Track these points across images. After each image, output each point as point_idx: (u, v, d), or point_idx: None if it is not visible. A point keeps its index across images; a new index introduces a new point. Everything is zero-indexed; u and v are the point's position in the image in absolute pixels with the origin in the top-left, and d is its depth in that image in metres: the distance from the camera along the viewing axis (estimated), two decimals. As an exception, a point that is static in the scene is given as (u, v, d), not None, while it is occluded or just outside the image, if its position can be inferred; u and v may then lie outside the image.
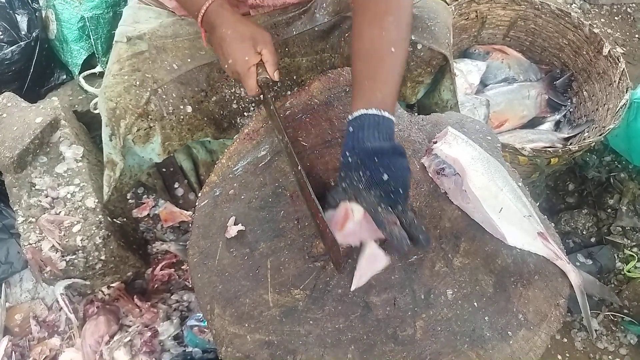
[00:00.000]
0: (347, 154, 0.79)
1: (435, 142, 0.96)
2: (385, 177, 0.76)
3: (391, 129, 0.81)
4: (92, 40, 1.65)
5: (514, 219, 0.90)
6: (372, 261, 0.82)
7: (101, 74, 1.68)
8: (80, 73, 1.67)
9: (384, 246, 0.83)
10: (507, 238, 0.88)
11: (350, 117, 0.82)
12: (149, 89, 1.07)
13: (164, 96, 1.08)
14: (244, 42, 0.93)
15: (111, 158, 1.20)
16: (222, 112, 1.18)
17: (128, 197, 1.50)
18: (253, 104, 1.20)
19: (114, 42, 1.13)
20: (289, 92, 1.20)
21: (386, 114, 0.81)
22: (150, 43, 1.09)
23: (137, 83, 1.07)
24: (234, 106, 1.19)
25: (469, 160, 0.92)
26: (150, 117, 1.10)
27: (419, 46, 1.14)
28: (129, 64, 1.08)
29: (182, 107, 1.11)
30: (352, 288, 0.84)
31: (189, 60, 1.10)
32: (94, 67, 1.70)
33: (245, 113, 1.21)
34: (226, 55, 0.94)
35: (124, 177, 1.25)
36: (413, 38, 1.12)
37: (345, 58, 1.19)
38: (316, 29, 1.16)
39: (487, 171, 0.92)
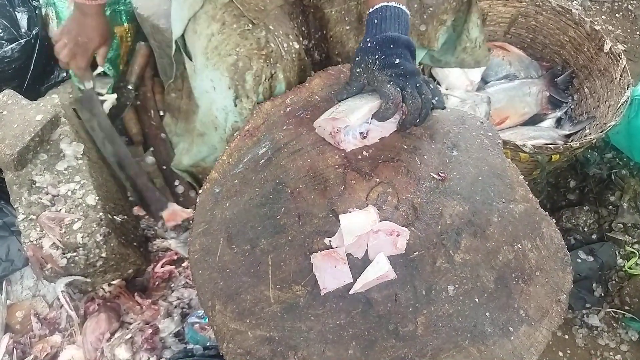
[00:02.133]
0: (368, 39, 0.90)
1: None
2: (397, 61, 0.88)
3: (408, 22, 0.91)
4: None
5: None
6: (379, 273, 0.83)
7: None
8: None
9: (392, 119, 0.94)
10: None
11: (371, 9, 0.91)
12: (263, 27, 1.04)
13: (276, 33, 1.06)
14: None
15: (237, 127, 1.11)
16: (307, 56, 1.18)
17: (128, 195, 1.50)
18: (307, 54, 1.18)
19: (188, 21, 1.10)
20: (322, 45, 1.22)
21: (404, 8, 0.90)
22: None
23: (250, 26, 1.04)
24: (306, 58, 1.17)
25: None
26: (271, 60, 1.05)
27: None
28: (228, 15, 1.04)
29: (291, 43, 1.09)
30: (351, 292, 0.84)
31: (268, 0, 1.09)
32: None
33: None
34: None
35: (210, 160, 1.25)
36: None
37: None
38: None
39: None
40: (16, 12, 1.61)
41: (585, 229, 1.66)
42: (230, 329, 0.85)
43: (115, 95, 1.67)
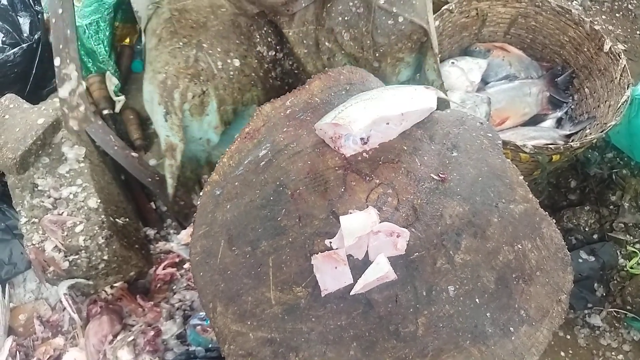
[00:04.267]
0: None
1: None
2: None
3: None
4: (93, 45, 1.65)
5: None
6: (379, 274, 0.83)
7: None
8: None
9: None
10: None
11: None
12: (194, 46, 1.06)
13: (210, 51, 1.08)
14: None
15: (169, 142, 1.15)
16: (261, 70, 1.18)
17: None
18: (271, 64, 1.20)
19: (143, 30, 1.12)
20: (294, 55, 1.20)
21: None
22: (170, 7, 1.09)
23: (181, 44, 1.06)
24: (265, 66, 1.19)
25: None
26: (201, 77, 1.08)
27: (400, 19, 1.14)
28: (165, 32, 1.07)
29: (229, 61, 1.11)
30: (352, 293, 0.84)
31: (212, 16, 1.10)
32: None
33: (269, 74, 1.20)
34: None
35: (185, 170, 1.22)
36: (394, 10, 1.13)
37: (326, 31, 1.18)
38: None
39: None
40: (18, 17, 1.62)
41: (587, 229, 1.66)
42: (231, 331, 0.85)
43: (123, 97, 1.68)
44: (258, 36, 1.16)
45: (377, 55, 1.17)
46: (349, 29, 1.17)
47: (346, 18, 1.16)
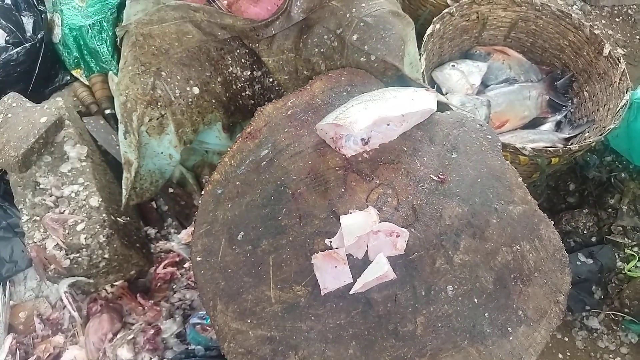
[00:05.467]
0: None
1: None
2: None
3: None
4: (96, 45, 1.66)
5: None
6: (379, 273, 0.84)
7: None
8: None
9: None
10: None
11: None
12: (152, 74, 1.09)
13: (169, 79, 1.10)
14: None
15: (127, 157, 1.19)
16: (227, 94, 1.20)
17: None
18: (248, 83, 1.22)
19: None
20: (271, 95, 1.23)
21: None
22: (136, 32, 1.12)
23: (140, 71, 1.09)
24: (234, 87, 1.20)
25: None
26: (159, 103, 1.10)
27: (373, 57, 1.13)
28: (130, 55, 1.11)
29: (188, 89, 1.13)
30: (352, 292, 0.85)
31: (176, 43, 1.12)
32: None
33: (243, 93, 1.22)
34: None
35: (144, 182, 1.24)
36: (366, 48, 1.13)
37: (304, 60, 1.19)
38: (290, 28, 1.17)
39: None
40: (22, 17, 1.63)
41: (585, 232, 1.66)
42: (231, 329, 0.85)
43: None
44: (230, 58, 1.18)
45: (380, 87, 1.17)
46: (325, 60, 1.18)
47: (322, 50, 1.17)
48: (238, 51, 1.19)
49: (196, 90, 1.14)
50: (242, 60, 1.20)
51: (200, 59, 1.14)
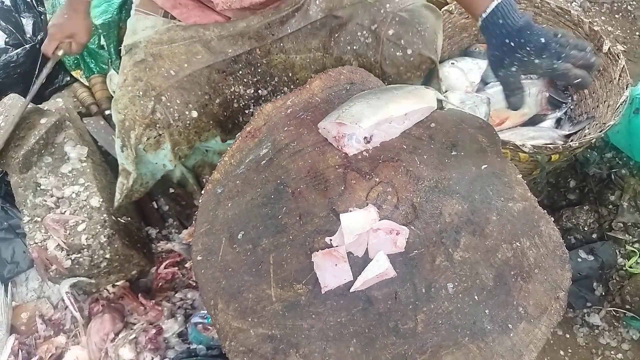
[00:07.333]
0: (507, 40, 0.91)
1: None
2: (543, 40, 0.88)
3: (516, 6, 0.93)
4: (95, 46, 1.66)
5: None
6: (379, 271, 0.84)
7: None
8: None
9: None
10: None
11: (484, 15, 0.92)
12: (153, 98, 1.09)
13: (169, 103, 1.10)
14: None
15: (124, 167, 1.21)
16: (225, 113, 1.20)
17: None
18: (252, 101, 1.22)
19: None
20: (285, 89, 1.22)
21: None
22: (146, 51, 1.11)
23: (141, 93, 1.09)
24: (235, 105, 1.21)
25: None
26: (158, 125, 1.12)
27: (409, 51, 1.15)
28: (131, 75, 1.10)
29: (187, 112, 1.13)
30: (352, 290, 0.85)
31: (185, 65, 1.12)
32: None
33: (245, 111, 1.23)
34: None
35: (135, 184, 1.25)
36: (402, 43, 1.14)
37: (335, 59, 1.20)
38: (309, 26, 1.17)
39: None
40: (22, 18, 1.64)
41: (586, 229, 1.66)
42: (232, 327, 0.86)
43: None
44: (232, 79, 1.18)
45: (385, 84, 1.18)
46: (358, 58, 1.19)
47: (355, 47, 1.17)
48: (241, 72, 1.19)
49: (194, 114, 1.15)
50: (245, 80, 1.21)
51: (200, 82, 1.14)
